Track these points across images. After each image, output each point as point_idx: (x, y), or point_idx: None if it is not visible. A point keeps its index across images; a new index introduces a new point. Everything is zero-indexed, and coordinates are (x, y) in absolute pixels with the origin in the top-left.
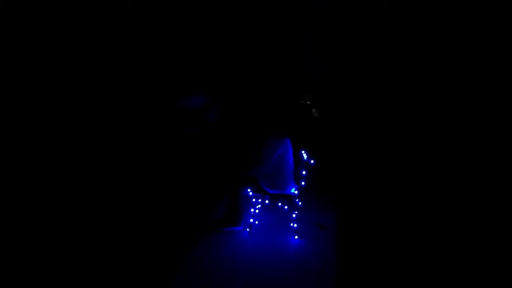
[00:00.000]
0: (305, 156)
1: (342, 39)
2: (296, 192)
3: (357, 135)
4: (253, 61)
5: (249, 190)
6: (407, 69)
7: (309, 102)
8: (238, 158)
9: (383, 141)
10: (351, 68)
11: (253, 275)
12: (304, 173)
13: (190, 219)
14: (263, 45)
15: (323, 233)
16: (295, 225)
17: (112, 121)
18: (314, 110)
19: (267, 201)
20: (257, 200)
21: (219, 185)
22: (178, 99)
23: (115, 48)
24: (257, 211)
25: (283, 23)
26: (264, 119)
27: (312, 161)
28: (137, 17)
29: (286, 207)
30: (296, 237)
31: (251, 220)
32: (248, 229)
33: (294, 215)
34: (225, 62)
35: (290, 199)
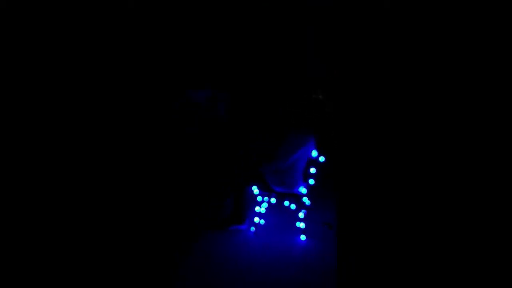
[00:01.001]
0: (314, 153)
1: (342, 39)
2: (304, 191)
3: (357, 135)
4: (254, 59)
5: (255, 187)
6: (407, 69)
7: (320, 96)
8: (247, 154)
9: (383, 141)
10: (351, 68)
11: (258, 275)
12: (313, 171)
13: (194, 217)
14: (263, 45)
15: (331, 233)
16: (302, 225)
17: (113, 120)
18: (327, 105)
19: (273, 200)
20: (263, 198)
21: (225, 183)
22: (182, 93)
23: (116, 46)
24: (263, 210)
25: (283, 23)
26: (279, 115)
27: (321, 159)
28: (140, 15)
29: (293, 206)
30: (303, 237)
31: (257, 218)
32: (253, 229)
33: (301, 215)
34: (227, 59)
35: (297, 198)
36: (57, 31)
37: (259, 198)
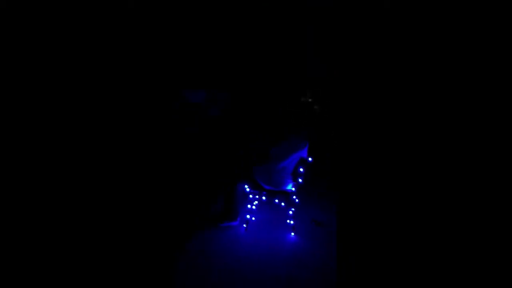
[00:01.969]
0: (304, 153)
1: (342, 39)
2: (293, 189)
3: (357, 135)
4: (254, 59)
5: (246, 186)
6: (407, 69)
7: (310, 99)
8: (240, 153)
9: (383, 140)
10: (351, 68)
11: (249, 270)
12: (301, 170)
13: (186, 214)
14: (263, 45)
15: (320, 229)
16: (292, 222)
17: (112, 120)
18: (316, 107)
19: (264, 197)
20: (254, 196)
21: (217, 180)
22: (180, 93)
23: (115, 46)
24: (254, 207)
25: (283, 23)
26: (274, 116)
27: (310, 159)
28: (139, 14)
29: (283, 204)
30: (292, 234)
31: (248, 216)
32: (244, 225)
33: (290, 212)
34: (225, 59)
35: (287, 196)
36: (54, 32)
37: (250, 195)
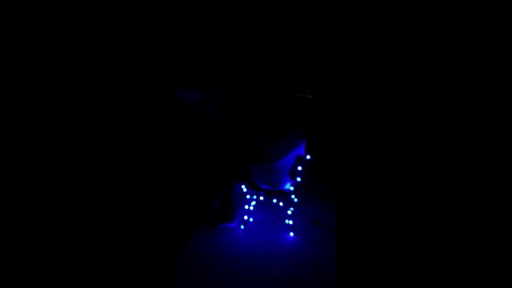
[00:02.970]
0: (302, 152)
1: (342, 39)
2: (291, 188)
3: (357, 134)
4: (253, 59)
5: (243, 186)
6: (407, 69)
7: (309, 96)
8: (236, 153)
9: (383, 140)
10: (351, 68)
11: (248, 270)
12: (299, 168)
13: (184, 215)
14: (262, 44)
15: (319, 229)
16: (291, 222)
17: (112, 120)
18: (314, 102)
19: (261, 198)
20: (251, 196)
21: (214, 181)
22: (178, 93)
23: (114, 46)
24: (252, 208)
25: (283, 23)
26: (272, 115)
27: (308, 157)
28: (137, 13)
29: (281, 204)
30: (291, 234)
31: (246, 216)
32: (242, 226)
33: (289, 212)
34: (224, 59)
35: (285, 195)
36: (53, 31)
37: (248, 196)
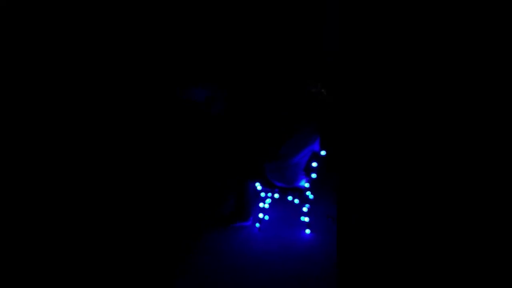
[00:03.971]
0: (317, 147)
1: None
2: (307, 185)
3: (358, 134)
4: (258, 54)
5: (257, 184)
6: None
7: (323, 90)
8: (250, 150)
9: (384, 140)
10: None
11: (263, 270)
12: (314, 165)
13: (198, 215)
14: (271, 38)
15: (335, 226)
16: (307, 219)
17: (118, 117)
18: (327, 98)
19: (276, 195)
20: (266, 194)
21: (228, 180)
22: (185, 92)
23: (119, 44)
24: (267, 206)
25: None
26: (284, 112)
27: (322, 152)
28: (139, 12)
29: (296, 201)
30: (307, 231)
31: (261, 214)
32: (257, 224)
33: (305, 209)
34: (231, 56)
35: (300, 192)
36: (54, 31)
37: (262, 194)
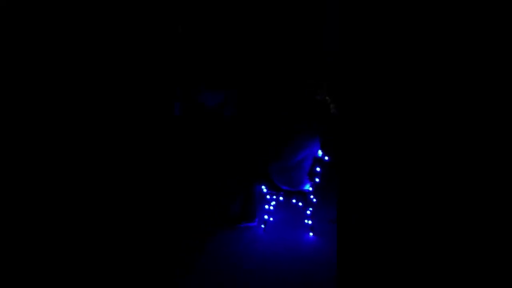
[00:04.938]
0: (319, 152)
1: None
2: (310, 188)
3: (357, 134)
4: (262, 59)
5: (263, 186)
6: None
7: (327, 97)
8: (255, 153)
9: (383, 140)
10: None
11: (267, 270)
12: (318, 169)
13: (205, 215)
14: (273, 43)
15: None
16: (310, 222)
17: (126, 118)
18: (331, 105)
19: (281, 198)
20: (271, 196)
21: (234, 181)
22: (198, 97)
23: (128, 48)
24: (272, 208)
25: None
26: (287, 116)
27: (326, 157)
28: (158, 20)
29: (300, 204)
30: (311, 234)
31: (266, 216)
32: (263, 226)
33: (308, 212)
34: (236, 60)
35: (304, 196)
36: (58, 30)
37: (268, 196)
